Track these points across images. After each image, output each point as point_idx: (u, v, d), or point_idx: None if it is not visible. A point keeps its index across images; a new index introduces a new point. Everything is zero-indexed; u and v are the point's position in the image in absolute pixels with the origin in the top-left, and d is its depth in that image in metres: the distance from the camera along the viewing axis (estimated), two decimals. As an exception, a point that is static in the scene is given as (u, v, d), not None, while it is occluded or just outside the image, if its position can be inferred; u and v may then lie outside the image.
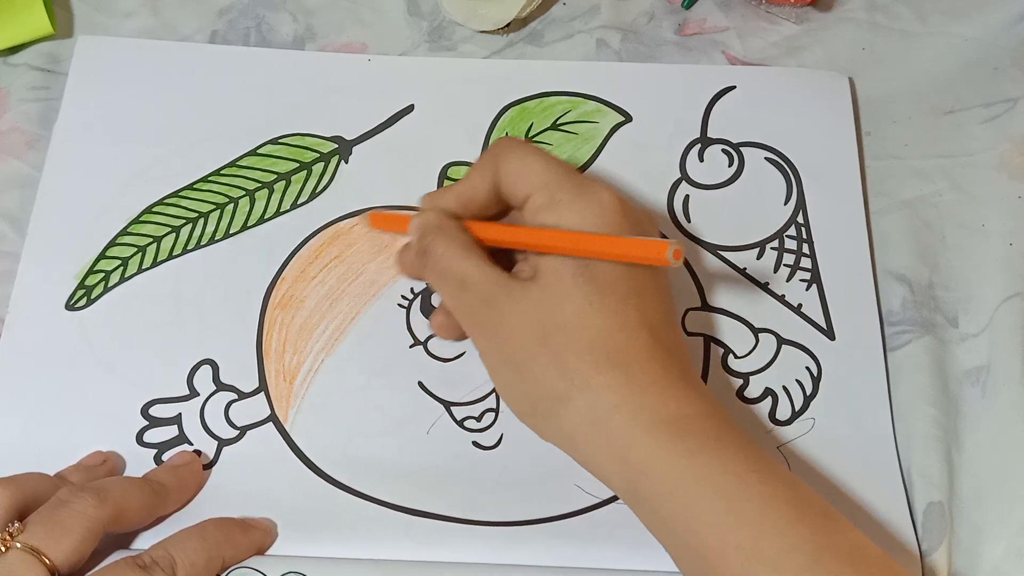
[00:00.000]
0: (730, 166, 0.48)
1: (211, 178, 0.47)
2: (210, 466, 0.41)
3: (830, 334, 0.44)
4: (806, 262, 0.46)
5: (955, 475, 0.41)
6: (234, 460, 0.41)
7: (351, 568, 0.38)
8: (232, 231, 0.46)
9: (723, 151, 0.48)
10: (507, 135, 0.48)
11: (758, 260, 0.46)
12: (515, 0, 0.50)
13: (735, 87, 0.49)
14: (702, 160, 0.48)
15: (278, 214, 0.46)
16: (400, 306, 0.44)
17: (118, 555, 0.37)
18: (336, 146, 0.48)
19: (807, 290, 0.45)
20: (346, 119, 0.48)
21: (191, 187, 0.46)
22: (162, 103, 0.48)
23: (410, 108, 0.49)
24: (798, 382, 0.43)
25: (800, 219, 0.46)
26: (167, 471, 0.40)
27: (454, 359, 0.43)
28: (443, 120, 0.48)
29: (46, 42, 0.50)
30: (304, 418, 0.42)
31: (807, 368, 0.43)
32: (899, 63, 0.51)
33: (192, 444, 0.41)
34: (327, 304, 0.44)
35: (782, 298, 0.45)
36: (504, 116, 0.48)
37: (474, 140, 0.48)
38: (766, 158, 0.48)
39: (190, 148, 0.47)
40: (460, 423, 0.42)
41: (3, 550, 0.34)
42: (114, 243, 0.45)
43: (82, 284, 0.44)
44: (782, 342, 0.44)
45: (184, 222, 0.46)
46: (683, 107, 0.49)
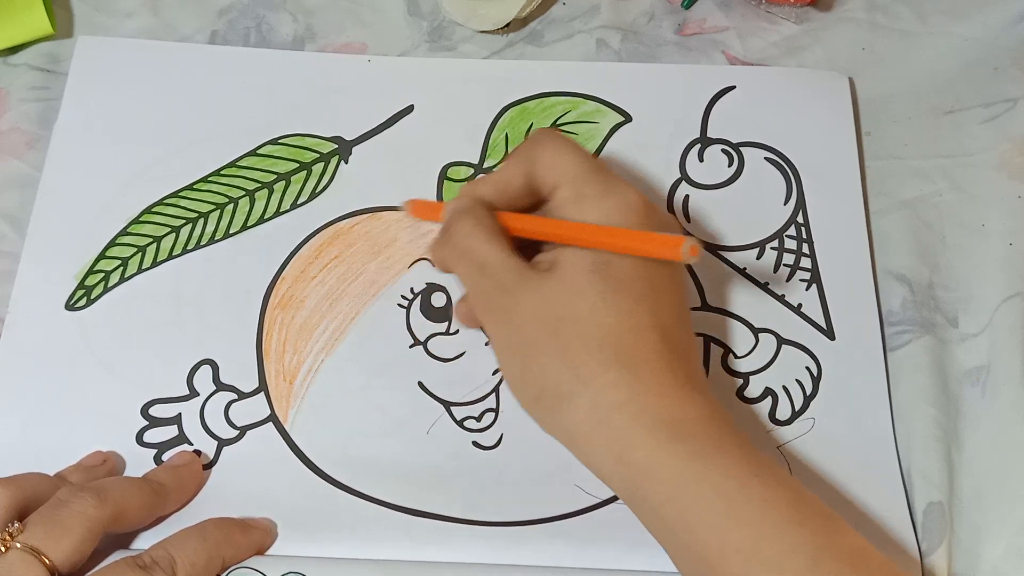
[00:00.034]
0: (730, 166, 0.48)
1: (211, 178, 0.47)
2: (210, 466, 0.41)
3: (830, 334, 0.44)
4: (806, 262, 0.46)
5: (955, 475, 0.41)
6: (234, 460, 0.41)
7: (351, 568, 0.39)
8: (232, 231, 0.46)
9: (723, 151, 0.48)
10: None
11: (758, 260, 0.46)
12: (515, 0, 0.50)
13: (735, 87, 0.49)
14: (702, 160, 0.48)
15: (278, 214, 0.46)
16: (400, 306, 0.44)
17: (118, 555, 0.37)
18: (336, 146, 0.48)
19: (807, 290, 0.45)
20: (346, 119, 0.48)
21: (191, 187, 0.46)
22: (162, 103, 0.48)
23: (410, 108, 0.49)
24: (798, 382, 0.43)
25: (800, 219, 0.46)
26: (167, 471, 0.40)
27: (454, 359, 0.43)
28: (443, 120, 0.48)
29: (46, 42, 0.50)
30: (304, 418, 0.42)
31: (807, 368, 0.43)
32: (899, 63, 0.51)
33: (192, 444, 0.41)
34: (327, 304, 0.44)
35: (782, 298, 0.45)
36: (504, 116, 0.48)
37: (474, 140, 0.48)
38: (766, 158, 0.48)
39: (190, 148, 0.47)
40: (460, 423, 0.42)
41: (3, 550, 0.34)
42: (114, 243, 0.45)
43: (82, 284, 0.44)
44: (782, 342, 0.44)
45: (184, 222, 0.46)
46: (683, 107, 0.49)
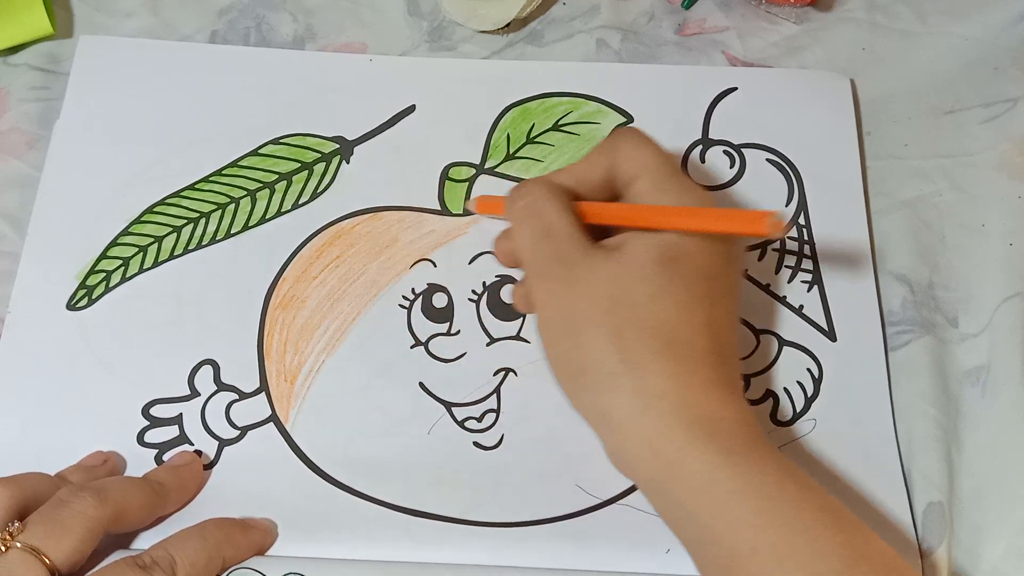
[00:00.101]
0: (731, 167, 0.48)
1: (212, 178, 0.47)
2: (211, 466, 0.41)
3: (831, 336, 0.44)
4: (807, 263, 0.46)
5: (955, 475, 0.41)
6: (235, 460, 0.41)
7: (351, 568, 0.39)
8: (233, 231, 0.46)
9: (724, 152, 0.48)
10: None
11: (759, 262, 0.46)
12: (515, 0, 0.50)
13: (736, 88, 0.49)
14: (703, 161, 0.48)
15: (279, 214, 0.46)
16: (401, 307, 0.44)
17: (118, 555, 0.37)
18: (337, 146, 0.48)
19: (808, 291, 0.45)
20: (347, 119, 0.48)
21: (192, 187, 0.46)
22: (163, 103, 0.48)
23: (411, 108, 0.49)
24: (799, 384, 0.43)
25: (801, 220, 0.46)
26: (167, 471, 0.40)
27: (455, 360, 0.43)
28: (444, 120, 0.48)
29: (46, 42, 0.50)
30: (305, 418, 0.42)
31: (808, 370, 0.43)
32: (899, 63, 0.51)
33: (193, 444, 0.41)
34: (328, 304, 0.44)
35: (783, 299, 0.45)
36: (506, 116, 0.48)
37: (475, 140, 0.48)
38: (767, 159, 0.48)
39: (191, 148, 0.47)
40: (461, 424, 0.42)
41: (3, 550, 0.34)
42: (115, 243, 0.45)
43: (83, 284, 0.44)
44: (783, 343, 0.44)
45: (185, 222, 0.46)
46: (684, 108, 0.49)
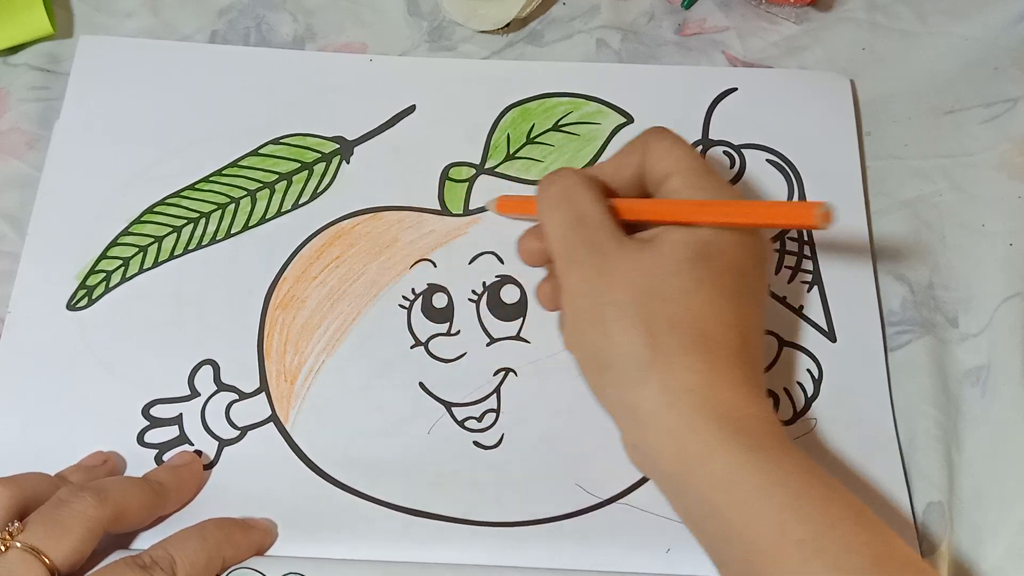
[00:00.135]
0: (732, 168, 0.48)
1: (212, 178, 0.47)
2: (211, 466, 0.41)
3: (831, 336, 0.44)
4: (807, 264, 0.46)
5: (955, 475, 0.41)
6: (235, 460, 0.41)
7: (351, 568, 0.38)
8: (233, 231, 0.46)
9: (725, 152, 0.48)
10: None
11: (759, 261, 0.46)
12: (515, 0, 0.50)
13: (736, 88, 0.49)
14: (703, 161, 0.48)
15: (279, 214, 0.46)
16: (401, 307, 0.44)
17: (118, 555, 0.37)
18: (337, 146, 0.48)
19: (808, 292, 0.45)
20: (347, 119, 0.48)
21: (192, 187, 0.46)
22: (163, 103, 0.48)
23: (411, 108, 0.49)
24: (799, 384, 0.43)
25: (801, 220, 0.46)
26: (167, 471, 0.40)
27: (455, 360, 0.43)
28: (444, 120, 0.48)
29: (46, 42, 0.50)
30: (305, 418, 0.42)
31: (808, 371, 0.43)
32: (899, 63, 0.51)
33: (193, 444, 0.41)
34: (328, 304, 0.44)
35: (783, 300, 0.45)
36: (506, 117, 0.48)
37: (475, 141, 0.48)
38: (767, 159, 0.48)
39: (191, 148, 0.47)
40: (461, 423, 0.42)
41: (3, 550, 0.34)
42: (115, 243, 0.45)
43: (83, 284, 0.44)
44: (783, 343, 0.44)
45: (185, 222, 0.46)
46: (684, 109, 0.49)
